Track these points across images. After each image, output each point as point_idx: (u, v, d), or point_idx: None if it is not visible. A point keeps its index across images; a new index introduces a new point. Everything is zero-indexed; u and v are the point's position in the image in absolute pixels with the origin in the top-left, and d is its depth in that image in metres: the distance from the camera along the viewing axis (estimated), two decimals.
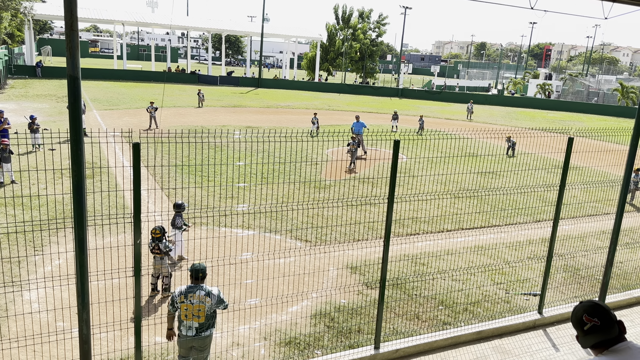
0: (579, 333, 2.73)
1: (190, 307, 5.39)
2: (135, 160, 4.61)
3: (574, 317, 2.76)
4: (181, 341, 5.57)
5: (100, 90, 40.03)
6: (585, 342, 2.68)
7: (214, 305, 5.49)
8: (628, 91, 52.95)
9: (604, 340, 2.63)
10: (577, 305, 2.79)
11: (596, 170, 15.17)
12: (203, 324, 5.46)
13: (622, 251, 10.60)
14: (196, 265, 5.60)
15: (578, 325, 2.73)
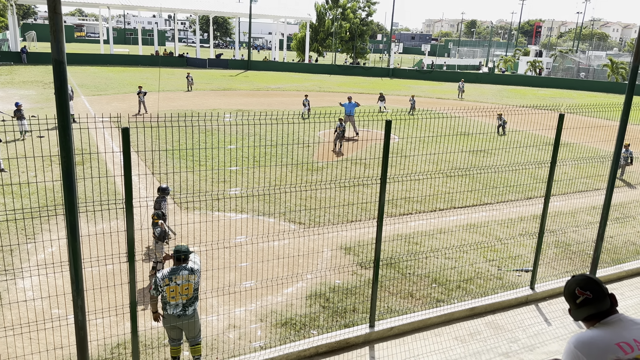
0: (571, 306, 2.77)
1: (176, 288, 5.54)
2: (125, 145, 4.56)
3: (566, 291, 2.80)
4: (167, 320, 5.70)
5: (87, 75, 39.49)
6: (577, 314, 2.73)
7: (199, 278, 5.68)
8: (618, 67, 53.03)
9: (596, 313, 2.67)
10: (569, 280, 2.83)
11: (587, 146, 15.26)
12: (190, 298, 5.65)
13: (613, 226, 10.73)
14: (179, 246, 5.75)
15: (571, 299, 2.77)
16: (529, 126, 9.45)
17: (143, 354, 5.97)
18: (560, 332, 6.50)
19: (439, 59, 76.65)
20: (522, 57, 67.30)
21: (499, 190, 13.36)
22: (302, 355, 5.97)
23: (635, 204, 12.98)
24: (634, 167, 15.99)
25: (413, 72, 56.79)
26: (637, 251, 9.54)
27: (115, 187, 11.53)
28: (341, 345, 6.17)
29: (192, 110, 24.02)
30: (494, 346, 6.15)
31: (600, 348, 2.43)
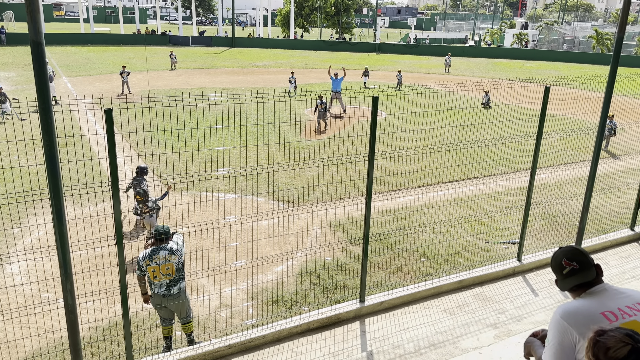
0: (558, 277, 2.82)
1: (157, 268, 5.60)
2: (109, 127, 4.49)
3: (553, 262, 2.84)
4: (155, 302, 5.76)
5: (68, 56, 38.68)
6: (564, 285, 2.77)
7: (180, 257, 5.71)
8: (603, 38, 53.13)
9: (582, 283, 2.72)
10: (556, 251, 2.87)
11: (572, 118, 15.36)
12: (173, 278, 5.68)
13: (598, 197, 10.88)
14: (159, 227, 5.80)
15: (557, 270, 2.81)
16: (515, 99, 9.46)
17: (135, 335, 6.00)
18: (546, 302, 6.63)
19: (426, 32, 76.09)
20: (508, 30, 67.12)
21: (486, 164, 13.45)
22: (294, 331, 6.04)
23: (620, 175, 13.16)
24: (618, 138, 16.15)
25: (400, 47, 56.41)
26: (622, 221, 9.70)
27: (101, 169, 11.39)
28: (332, 321, 6.24)
29: (177, 89, 23.69)
30: (482, 317, 6.26)
31: (586, 317, 2.48)
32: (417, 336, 5.82)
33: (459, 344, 5.62)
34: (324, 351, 5.68)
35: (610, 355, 2.03)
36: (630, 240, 8.87)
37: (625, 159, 14.71)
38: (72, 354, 4.65)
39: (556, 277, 2.85)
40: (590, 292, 2.68)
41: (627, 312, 2.50)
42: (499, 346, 5.05)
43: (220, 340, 5.69)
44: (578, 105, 10.13)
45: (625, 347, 2.02)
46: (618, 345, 2.03)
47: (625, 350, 2.01)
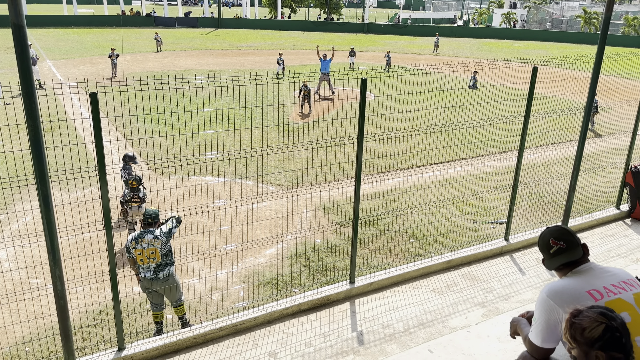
0: (545, 256, 2.86)
1: (142, 252, 5.64)
2: (94, 111, 4.43)
3: (541, 241, 2.88)
4: (144, 286, 5.80)
5: (51, 38, 37.93)
6: (551, 264, 2.81)
7: (166, 244, 5.72)
8: (590, 17, 53.17)
9: (569, 262, 2.76)
10: (544, 231, 2.91)
11: (559, 98, 15.40)
12: (160, 263, 5.70)
13: (584, 176, 11.00)
14: (147, 211, 5.84)
15: (545, 249, 2.85)
16: (503, 80, 9.47)
17: (126, 319, 6.01)
18: (533, 281, 6.74)
19: (414, 12, 75.54)
20: (497, 10, 66.82)
21: (474, 145, 13.51)
22: (285, 313, 6.08)
23: (606, 154, 13.30)
24: (604, 118, 16.28)
25: (388, 27, 56.01)
26: (608, 200, 9.84)
27: (87, 153, 11.26)
28: (323, 302, 6.30)
29: (163, 72, 23.39)
30: (470, 296, 6.35)
31: (572, 296, 2.52)
32: (407, 316, 5.90)
33: (448, 322, 5.71)
34: (314, 332, 5.74)
35: (586, 336, 2.08)
36: (616, 219, 9.00)
37: (612, 139, 14.84)
38: (63, 339, 4.65)
39: (543, 256, 2.88)
40: (576, 271, 2.73)
41: (612, 290, 2.55)
42: (486, 324, 5.13)
43: (211, 323, 5.72)
44: (566, 85, 10.18)
45: (599, 326, 2.07)
46: (593, 325, 2.08)
47: (600, 329, 2.06)
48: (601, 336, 2.04)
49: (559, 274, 2.82)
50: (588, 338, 2.07)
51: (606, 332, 2.05)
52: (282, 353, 5.36)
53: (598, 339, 2.07)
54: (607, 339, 2.06)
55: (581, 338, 2.09)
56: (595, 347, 2.06)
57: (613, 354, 2.05)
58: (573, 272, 2.73)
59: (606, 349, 2.07)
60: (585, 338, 2.07)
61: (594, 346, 2.06)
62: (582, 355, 2.12)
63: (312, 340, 5.56)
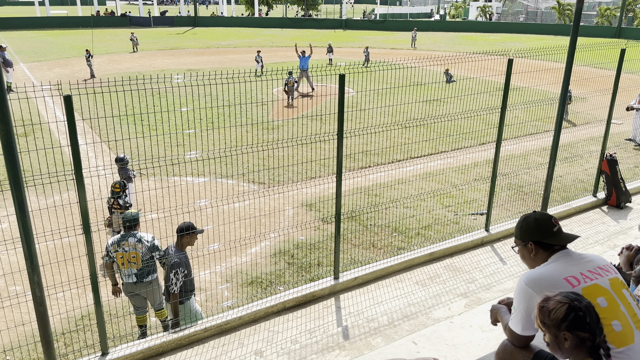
0: (544, 235, 2.80)
1: (125, 255, 5.54)
2: (69, 114, 4.36)
3: (541, 222, 2.83)
4: (126, 290, 5.73)
5: (24, 41, 37.16)
6: (556, 240, 2.79)
7: (148, 251, 5.60)
8: (564, 9, 53.98)
9: (551, 246, 2.79)
10: (535, 214, 2.90)
11: (536, 89, 15.62)
12: (142, 269, 5.61)
13: (561, 165, 11.19)
14: (127, 214, 5.74)
15: (546, 228, 2.81)
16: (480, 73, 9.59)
17: (109, 324, 5.94)
18: (514, 270, 6.84)
19: (391, 7, 75.80)
20: (473, 3, 67.44)
21: (453, 138, 13.64)
22: (270, 311, 6.08)
23: (583, 144, 13.54)
24: (579, 107, 16.56)
25: (366, 23, 56.18)
26: (585, 188, 10.02)
27: (64, 157, 11.08)
28: (308, 299, 6.30)
29: (140, 72, 23.10)
30: (453, 287, 6.42)
31: (549, 283, 2.56)
32: (391, 309, 5.94)
33: (431, 314, 5.77)
34: (300, 329, 5.75)
35: (552, 317, 2.20)
36: (593, 207, 9.18)
37: (587, 128, 15.12)
38: (44, 346, 4.58)
39: (538, 237, 2.82)
40: (555, 257, 2.77)
41: (589, 276, 2.60)
42: (469, 314, 5.20)
43: (196, 324, 5.69)
44: (541, 77, 10.33)
45: (563, 306, 2.19)
46: (557, 306, 2.20)
47: (563, 309, 2.18)
48: (565, 316, 2.15)
49: (542, 259, 2.82)
50: (554, 319, 2.17)
51: (570, 312, 2.16)
52: (268, 351, 5.35)
53: (563, 320, 2.17)
54: (571, 319, 2.16)
55: (548, 321, 2.19)
56: (562, 329, 2.16)
57: (579, 333, 2.14)
58: (552, 259, 2.76)
59: (572, 329, 2.16)
60: (552, 320, 2.18)
61: (561, 327, 2.17)
62: (553, 339, 2.21)
63: (298, 337, 5.56)
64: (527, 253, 2.88)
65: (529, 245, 2.85)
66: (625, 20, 47.96)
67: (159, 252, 5.69)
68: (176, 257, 5.40)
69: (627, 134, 14.65)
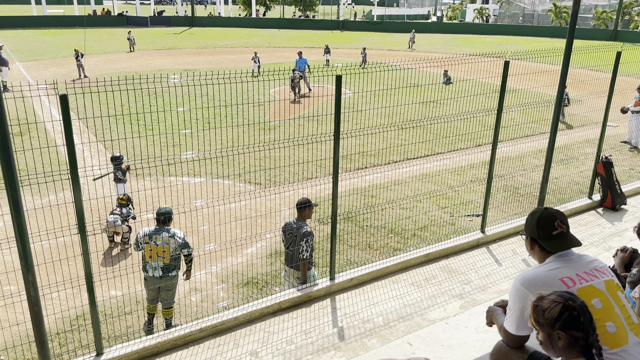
0: (542, 236, 2.77)
1: (154, 248, 5.65)
2: (65, 113, 4.34)
3: (542, 222, 2.79)
4: (148, 282, 5.84)
5: (20, 39, 37.04)
6: (550, 245, 2.75)
7: (179, 248, 5.77)
8: (561, 11, 54.17)
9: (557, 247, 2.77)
10: (542, 211, 2.84)
11: (532, 91, 15.68)
12: (168, 264, 5.74)
13: (557, 167, 11.22)
14: (161, 209, 5.86)
15: (546, 229, 2.77)
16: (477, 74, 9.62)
17: (103, 324, 5.92)
18: (509, 271, 6.85)
19: (389, 9, 75.91)
20: (470, 5, 67.63)
21: (449, 140, 13.66)
22: (266, 312, 6.07)
23: (578, 146, 13.59)
24: (575, 109, 16.62)
25: (364, 24, 56.22)
26: (580, 190, 10.05)
27: (59, 156, 11.05)
28: (303, 300, 6.30)
29: (136, 71, 23.05)
30: (448, 289, 6.43)
31: (545, 284, 2.56)
32: (386, 310, 5.94)
33: (427, 315, 5.77)
34: (296, 329, 5.74)
35: (546, 316, 2.21)
36: (588, 209, 9.21)
37: (583, 130, 15.17)
38: (38, 346, 4.56)
39: (537, 236, 2.79)
40: (552, 258, 2.76)
41: (585, 278, 2.60)
42: (464, 316, 5.21)
43: (191, 324, 5.68)
44: (537, 79, 10.37)
45: (557, 305, 2.20)
46: (551, 305, 2.21)
47: (558, 308, 2.19)
48: (559, 315, 2.17)
49: (540, 258, 2.81)
50: (548, 318, 2.19)
51: (564, 311, 2.17)
52: (264, 352, 5.35)
53: (557, 319, 2.18)
54: (565, 318, 2.17)
55: (542, 319, 2.21)
56: (556, 327, 2.18)
57: (572, 332, 2.16)
58: (550, 259, 2.76)
59: (565, 328, 2.18)
60: (546, 319, 2.19)
61: (555, 326, 2.18)
62: (546, 337, 2.23)
63: (294, 338, 5.56)
64: (527, 246, 2.89)
65: (528, 239, 2.86)
66: (621, 23, 48.19)
67: (189, 249, 5.89)
68: (306, 227, 6.00)
69: (623, 136, 14.72)
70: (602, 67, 10.37)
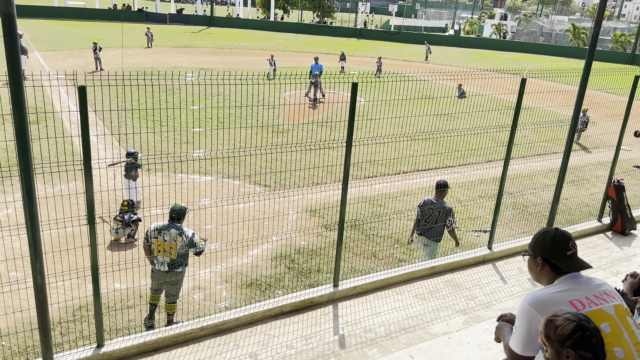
0: (558, 256, 2.74)
1: (162, 243, 5.71)
2: (82, 104, 4.38)
3: (556, 241, 2.77)
4: (154, 275, 5.90)
5: (40, 29, 37.46)
6: (563, 264, 2.73)
7: (186, 246, 5.80)
8: (579, 32, 53.98)
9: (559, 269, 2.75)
10: (556, 231, 2.81)
11: (546, 110, 15.63)
12: (175, 260, 5.79)
13: (568, 188, 11.13)
14: (175, 206, 5.90)
15: (560, 249, 2.75)
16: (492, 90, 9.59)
17: (106, 316, 5.94)
18: (515, 289, 6.80)
19: (406, 20, 76.02)
20: (488, 20, 67.58)
21: (461, 154, 13.62)
22: (268, 314, 6.06)
23: (590, 167, 13.50)
24: (590, 131, 16.52)
25: (380, 33, 56.33)
26: (590, 212, 9.97)
27: (73, 147, 11.14)
28: (306, 305, 6.28)
29: (153, 67, 23.22)
30: (452, 303, 6.38)
31: (554, 305, 2.53)
32: (389, 320, 5.91)
33: (429, 328, 5.73)
34: (296, 334, 5.73)
35: (558, 333, 2.19)
36: (597, 232, 9.12)
37: (596, 152, 15.07)
38: (41, 334, 4.58)
39: (551, 256, 2.76)
40: (563, 279, 2.74)
41: (594, 301, 2.58)
42: (467, 332, 5.17)
43: (192, 322, 5.68)
44: (553, 98, 10.33)
45: (570, 324, 2.18)
46: (565, 323, 2.19)
47: (571, 326, 2.17)
48: (572, 334, 2.15)
49: (548, 279, 2.79)
50: (560, 335, 2.17)
51: (577, 330, 2.15)
52: (263, 355, 5.34)
53: (569, 337, 2.16)
54: (577, 337, 2.15)
55: (554, 336, 2.19)
56: (566, 346, 2.16)
57: (582, 353, 2.14)
58: (559, 280, 2.74)
59: (576, 348, 2.15)
60: (557, 335, 2.17)
61: (565, 344, 2.16)
62: (554, 354, 2.20)
63: (294, 343, 5.54)
64: (534, 266, 2.84)
65: (537, 260, 2.81)
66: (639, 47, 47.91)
67: (196, 249, 5.92)
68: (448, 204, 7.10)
69: (636, 160, 14.60)
70: (618, 90, 10.31)
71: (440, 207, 7.07)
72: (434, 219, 7.10)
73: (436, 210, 7.07)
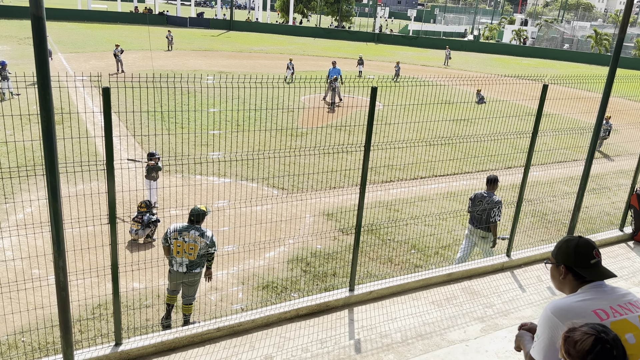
0: (579, 264, 2.70)
1: (182, 244, 5.77)
2: (106, 106, 4.46)
3: (581, 249, 2.72)
4: (172, 276, 5.94)
5: (64, 31, 38.18)
6: (588, 273, 2.69)
7: (206, 246, 5.86)
8: (601, 38, 53.21)
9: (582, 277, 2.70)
10: (579, 239, 2.76)
11: (567, 117, 15.42)
12: (194, 261, 5.85)
13: (588, 196, 10.96)
14: (196, 208, 5.96)
15: (584, 257, 2.70)
16: (511, 96, 9.49)
17: (124, 315, 6.01)
18: (534, 298, 6.71)
19: (425, 25, 75.76)
20: (508, 26, 67.01)
21: (479, 160, 13.51)
22: (283, 317, 6.07)
23: (612, 176, 13.28)
24: (612, 139, 16.26)
25: (398, 38, 56.20)
26: (611, 222, 9.81)
27: (95, 148, 11.32)
28: (321, 308, 6.28)
29: (173, 70, 23.49)
30: (469, 311, 6.33)
31: (577, 314, 2.50)
32: (405, 326, 5.88)
33: (446, 335, 5.69)
34: (312, 337, 5.73)
35: (578, 348, 2.13)
36: (619, 241, 8.97)
37: (618, 160, 14.83)
38: (62, 330, 4.66)
39: (575, 264, 2.71)
40: (587, 287, 2.69)
41: (619, 311, 2.53)
42: (485, 339, 5.12)
43: (209, 323, 5.72)
44: (574, 105, 10.20)
45: (589, 337, 2.12)
46: (583, 337, 2.13)
47: (590, 340, 2.11)
48: (592, 348, 2.10)
49: (571, 288, 2.74)
50: (580, 351, 2.12)
51: (596, 344, 2.10)
52: (279, 357, 5.35)
53: (589, 351, 2.11)
54: (598, 351, 2.10)
55: (574, 352, 2.14)
56: None
57: None
58: (583, 289, 2.69)
59: None
60: (578, 351, 2.12)
61: (587, 359, 2.09)
62: None
63: (309, 346, 5.55)
64: (557, 274, 2.79)
65: (560, 268, 2.76)
66: None
67: (215, 249, 6.00)
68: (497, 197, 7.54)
69: None
70: None
71: (489, 199, 7.53)
72: (486, 212, 7.54)
73: (486, 203, 7.52)
